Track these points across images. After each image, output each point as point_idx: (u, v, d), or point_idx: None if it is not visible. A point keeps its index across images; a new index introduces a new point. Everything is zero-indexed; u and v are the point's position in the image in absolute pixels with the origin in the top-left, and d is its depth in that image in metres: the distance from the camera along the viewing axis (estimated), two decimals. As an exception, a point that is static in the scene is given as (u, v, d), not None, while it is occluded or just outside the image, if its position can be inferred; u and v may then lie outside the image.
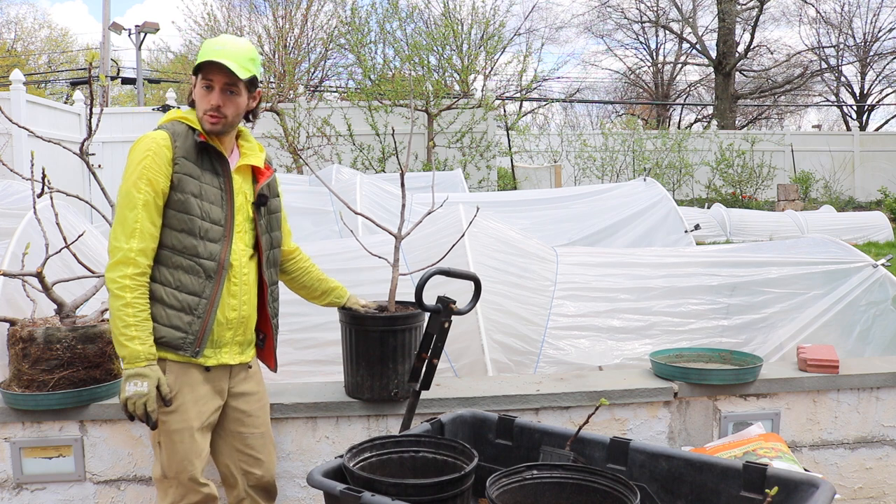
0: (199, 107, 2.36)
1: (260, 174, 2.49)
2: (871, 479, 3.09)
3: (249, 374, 2.54)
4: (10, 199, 6.19)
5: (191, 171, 2.30)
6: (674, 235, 6.46)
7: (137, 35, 19.45)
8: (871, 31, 28.20)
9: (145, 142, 2.28)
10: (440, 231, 3.88)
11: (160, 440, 2.34)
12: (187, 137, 2.33)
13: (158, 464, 2.37)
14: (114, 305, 2.22)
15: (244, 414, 2.51)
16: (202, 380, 2.37)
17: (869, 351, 3.62)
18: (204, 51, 2.34)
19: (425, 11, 20.15)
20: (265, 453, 2.57)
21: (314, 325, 3.50)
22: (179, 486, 2.35)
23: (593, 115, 33.32)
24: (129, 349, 2.20)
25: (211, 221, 2.33)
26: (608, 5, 29.61)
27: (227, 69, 2.30)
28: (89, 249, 3.53)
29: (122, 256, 2.21)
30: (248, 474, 2.54)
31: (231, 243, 2.38)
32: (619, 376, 3.09)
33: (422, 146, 14.00)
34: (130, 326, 2.20)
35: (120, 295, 2.20)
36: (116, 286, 2.20)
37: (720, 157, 18.32)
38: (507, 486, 1.87)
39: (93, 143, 5.81)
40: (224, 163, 2.39)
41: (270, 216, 2.54)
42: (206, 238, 2.32)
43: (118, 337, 2.22)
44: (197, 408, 2.35)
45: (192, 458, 2.34)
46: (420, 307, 2.38)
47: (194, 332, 2.32)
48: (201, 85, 2.34)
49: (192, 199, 2.29)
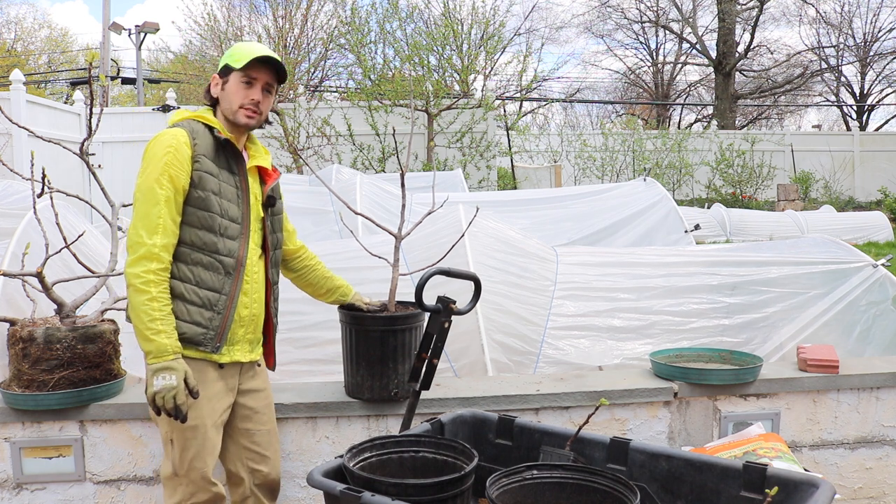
0: (232, 101, 2.40)
1: (267, 176, 2.54)
2: (871, 479, 3.09)
3: (257, 372, 2.58)
4: (10, 199, 6.19)
5: (210, 169, 2.34)
6: (674, 235, 6.46)
7: (137, 35, 19.45)
8: (871, 31, 28.22)
9: (165, 139, 2.29)
10: (440, 231, 3.88)
11: (172, 437, 2.35)
12: (206, 136, 2.36)
13: (169, 461, 2.38)
14: (137, 300, 2.21)
15: (252, 411, 2.54)
16: (215, 377, 2.39)
17: (869, 351, 3.62)
18: (242, 51, 2.41)
19: (425, 11, 20.17)
20: (271, 450, 2.60)
21: (314, 324, 3.50)
22: (189, 483, 2.36)
23: (593, 115, 33.36)
24: (156, 343, 2.19)
25: (229, 219, 2.38)
26: (608, 5, 29.64)
27: (272, 68, 2.40)
28: (89, 249, 3.53)
29: (145, 252, 2.22)
30: (255, 472, 2.56)
31: (248, 241, 2.43)
32: (619, 376, 3.09)
33: (422, 146, 14.00)
34: (156, 321, 2.20)
35: (144, 290, 2.20)
36: (140, 281, 2.20)
37: (720, 157, 18.32)
38: (507, 486, 1.87)
39: (93, 143, 5.81)
40: (241, 162, 2.44)
41: (274, 217, 2.58)
42: (224, 235, 2.36)
43: (143, 332, 2.20)
44: (210, 405, 2.37)
45: (204, 456, 2.35)
46: (420, 307, 2.38)
47: (214, 327, 2.35)
48: (240, 81, 2.39)
49: (212, 197, 2.33)
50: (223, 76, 2.43)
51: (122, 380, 2.85)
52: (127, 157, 13.54)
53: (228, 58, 2.43)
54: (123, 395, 2.83)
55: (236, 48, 2.46)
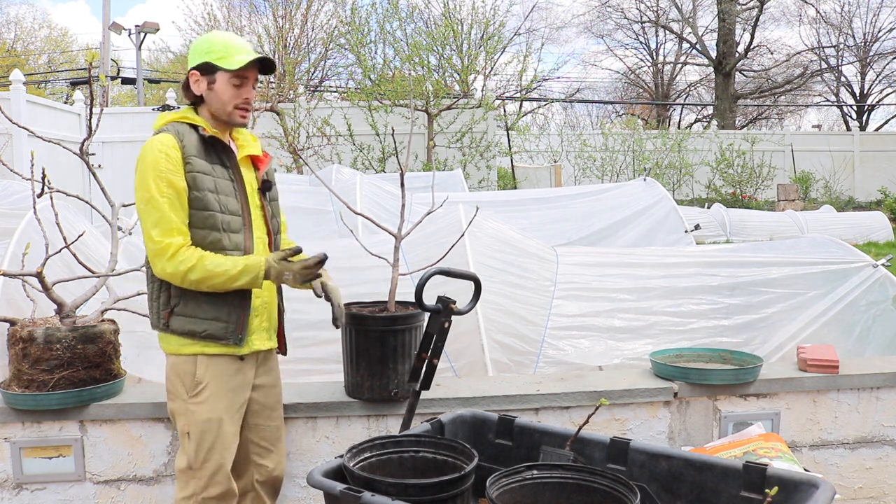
0: (226, 103, 2.39)
1: (259, 162, 2.55)
2: (871, 479, 3.09)
3: (271, 367, 2.60)
4: (10, 199, 6.20)
5: (203, 168, 2.34)
6: (674, 235, 6.45)
7: (137, 35, 19.44)
8: (871, 31, 28.24)
9: (153, 146, 2.29)
10: (440, 231, 3.88)
11: (189, 430, 2.36)
12: (191, 135, 2.36)
13: (184, 455, 2.38)
14: (200, 277, 2.26)
15: (262, 406, 2.56)
16: (234, 371, 2.41)
17: (869, 351, 3.62)
18: (228, 49, 2.37)
19: (425, 11, 20.20)
20: (278, 446, 2.62)
21: (314, 324, 3.49)
22: (203, 477, 2.37)
23: (593, 115, 33.37)
24: (248, 271, 2.29)
25: (230, 213, 2.39)
26: (608, 5, 29.65)
27: (261, 65, 2.39)
28: (89, 249, 3.53)
29: (171, 249, 2.25)
30: (260, 467, 2.57)
31: (252, 231, 2.45)
32: (619, 376, 3.09)
33: (422, 146, 14.00)
34: (225, 265, 2.27)
35: (194, 265, 2.25)
36: (186, 267, 2.25)
37: (720, 157, 18.32)
38: (507, 486, 1.87)
39: (93, 143, 5.80)
40: (231, 154, 2.45)
41: (272, 203, 2.59)
42: (228, 230, 2.37)
43: (235, 278, 2.28)
44: (227, 399, 2.38)
45: (220, 449, 2.37)
46: (420, 307, 2.38)
47: (234, 320, 2.38)
48: (231, 81, 2.37)
49: (209, 195, 2.33)
50: (206, 74, 2.38)
51: (122, 380, 2.85)
52: (127, 157, 13.54)
53: (207, 54, 2.37)
54: (123, 395, 2.84)
55: (216, 43, 2.39)
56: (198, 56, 2.39)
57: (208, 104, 2.42)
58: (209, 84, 2.39)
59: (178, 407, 2.39)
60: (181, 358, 2.37)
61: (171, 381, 2.40)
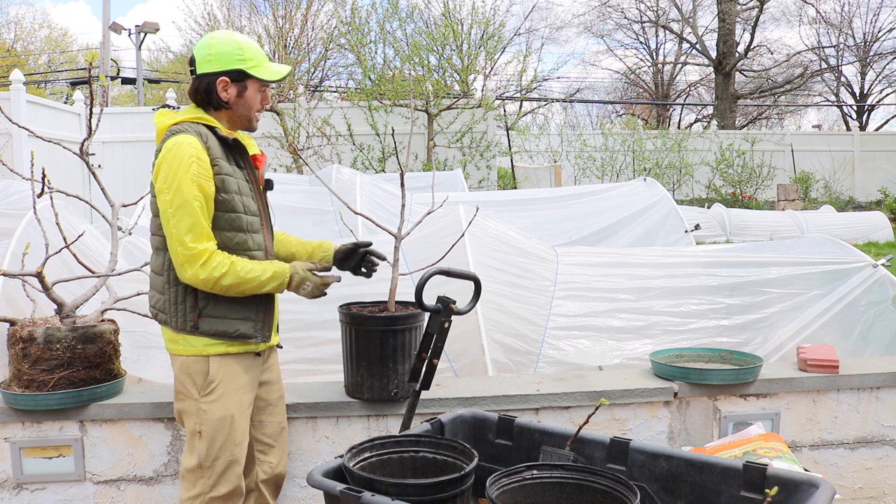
0: (251, 109, 2.44)
1: (258, 161, 2.55)
2: (871, 479, 3.09)
3: (272, 363, 2.62)
4: (10, 199, 6.18)
5: (228, 171, 2.36)
6: (674, 235, 6.45)
7: (137, 35, 19.44)
8: (871, 31, 28.22)
9: (184, 149, 2.24)
10: (440, 231, 3.88)
11: (201, 429, 2.36)
12: (212, 138, 2.35)
13: (195, 454, 2.37)
14: (233, 282, 2.28)
15: (265, 402, 2.58)
16: (243, 370, 2.41)
17: (869, 351, 3.62)
18: (256, 55, 2.39)
19: (425, 11, 20.17)
20: (280, 442, 2.63)
21: (314, 324, 3.50)
22: (212, 475, 2.36)
23: (593, 115, 33.33)
24: (274, 277, 2.35)
25: (252, 214, 2.42)
26: (608, 5, 29.62)
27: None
28: (89, 249, 3.53)
29: (207, 255, 2.26)
30: (263, 464, 2.59)
31: (267, 230, 2.50)
32: (619, 376, 3.09)
33: (422, 146, 13.99)
34: (254, 271, 2.31)
35: (227, 271, 2.26)
36: (220, 271, 2.26)
37: (720, 157, 18.30)
38: (507, 486, 1.87)
39: (93, 143, 5.81)
40: (246, 156, 2.47)
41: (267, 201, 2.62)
42: (251, 231, 2.41)
43: (263, 283, 2.33)
44: (238, 396, 2.39)
45: (231, 447, 2.37)
46: (420, 307, 2.38)
47: (262, 318, 2.42)
48: (260, 89, 2.43)
49: (235, 197, 2.35)
50: (237, 82, 2.37)
51: (122, 380, 2.86)
52: (127, 157, 13.55)
53: (241, 61, 2.35)
54: (123, 395, 2.84)
55: (247, 50, 2.38)
56: (227, 62, 2.35)
57: (234, 110, 2.41)
58: (240, 91, 2.39)
59: (188, 406, 2.38)
60: (192, 358, 2.35)
61: (180, 381, 2.38)
